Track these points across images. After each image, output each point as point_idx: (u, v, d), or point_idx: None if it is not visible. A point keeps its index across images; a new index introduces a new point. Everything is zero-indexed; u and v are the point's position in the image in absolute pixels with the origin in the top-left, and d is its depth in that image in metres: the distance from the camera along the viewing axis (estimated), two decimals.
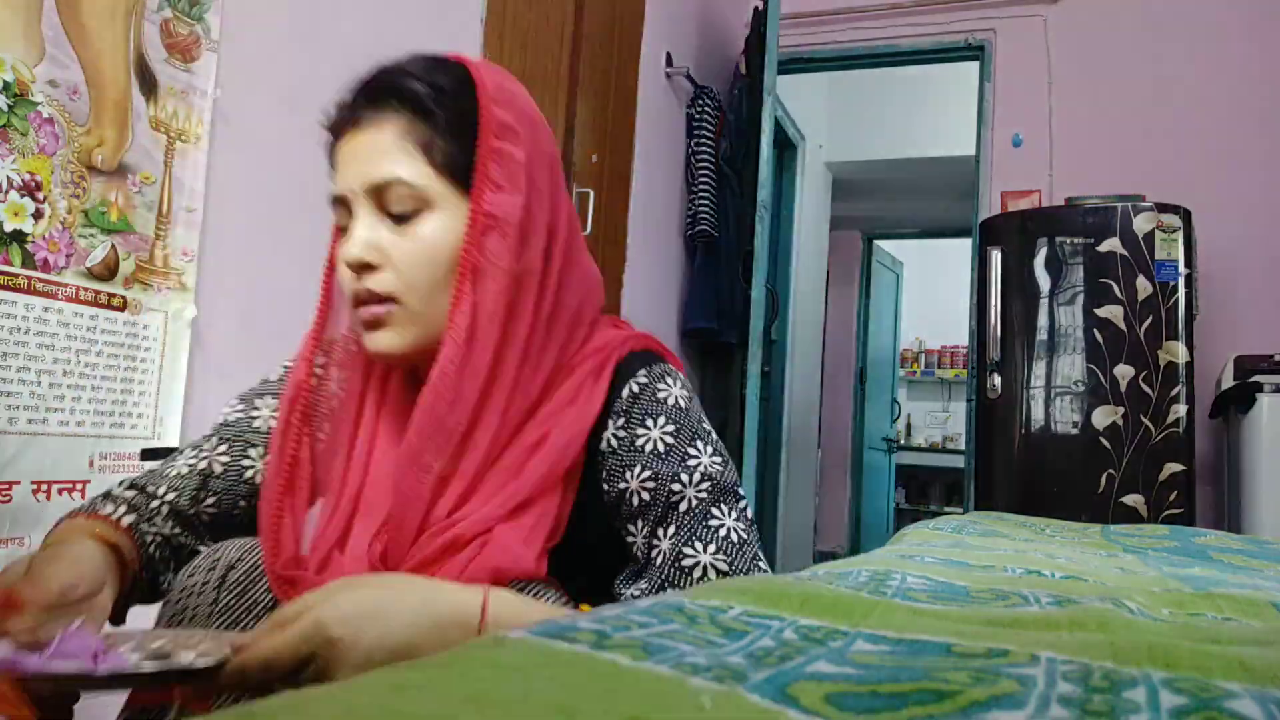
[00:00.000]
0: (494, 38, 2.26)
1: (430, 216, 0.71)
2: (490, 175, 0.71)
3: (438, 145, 0.72)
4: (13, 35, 1.20)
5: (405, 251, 0.71)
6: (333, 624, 0.53)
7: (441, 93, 0.73)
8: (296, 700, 0.22)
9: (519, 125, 0.74)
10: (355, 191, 0.72)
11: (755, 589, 0.45)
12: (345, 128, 0.75)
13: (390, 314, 0.71)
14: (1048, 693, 0.30)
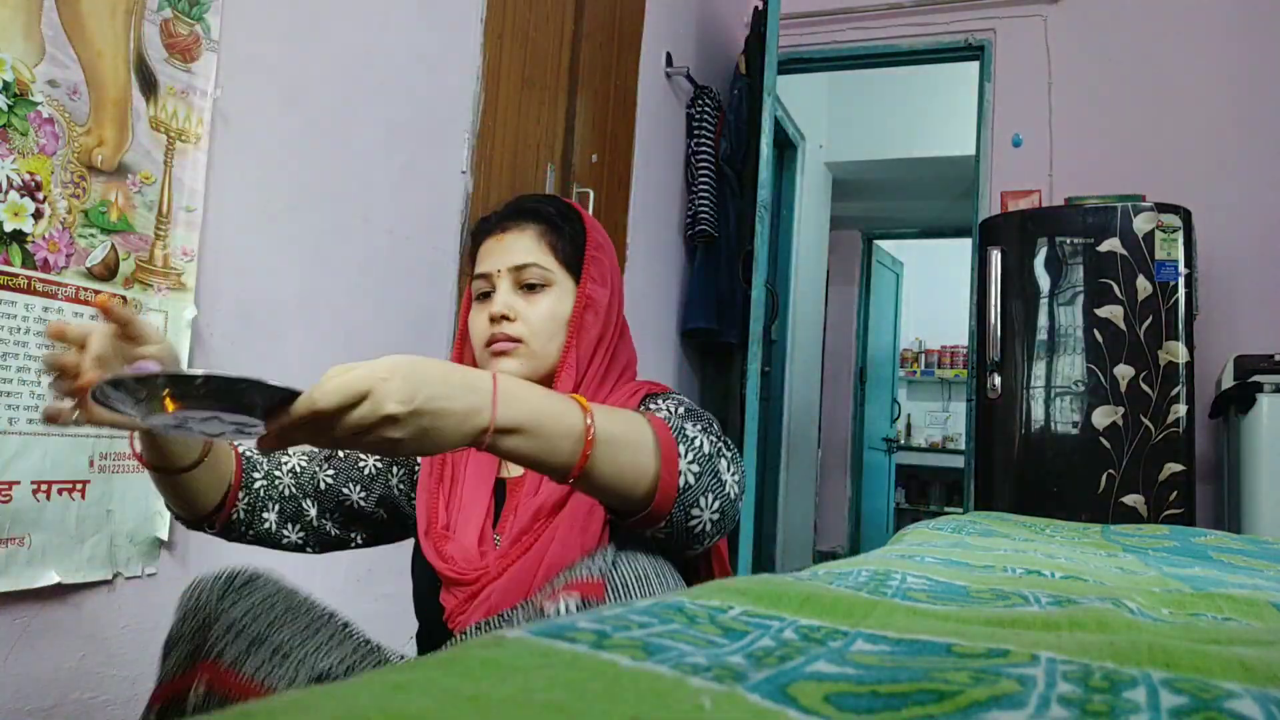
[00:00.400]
0: (494, 38, 2.26)
1: (550, 291, 1.04)
2: (591, 273, 1.05)
3: (561, 247, 1.05)
4: (13, 35, 1.20)
5: (533, 310, 1.03)
6: (383, 370, 0.68)
7: (565, 216, 1.07)
8: (296, 700, 0.22)
9: (605, 245, 1.09)
10: (500, 270, 1.03)
11: (755, 589, 0.45)
12: (492, 231, 1.07)
13: (516, 350, 1.02)
14: (1048, 693, 0.30)
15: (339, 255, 1.80)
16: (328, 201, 1.77)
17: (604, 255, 1.08)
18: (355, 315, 1.83)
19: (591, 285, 1.05)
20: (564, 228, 1.06)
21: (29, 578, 1.24)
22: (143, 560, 1.41)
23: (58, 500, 1.28)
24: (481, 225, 1.09)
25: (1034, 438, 3.00)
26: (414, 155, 2.01)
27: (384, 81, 1.91)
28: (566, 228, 1.06)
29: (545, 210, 1.07)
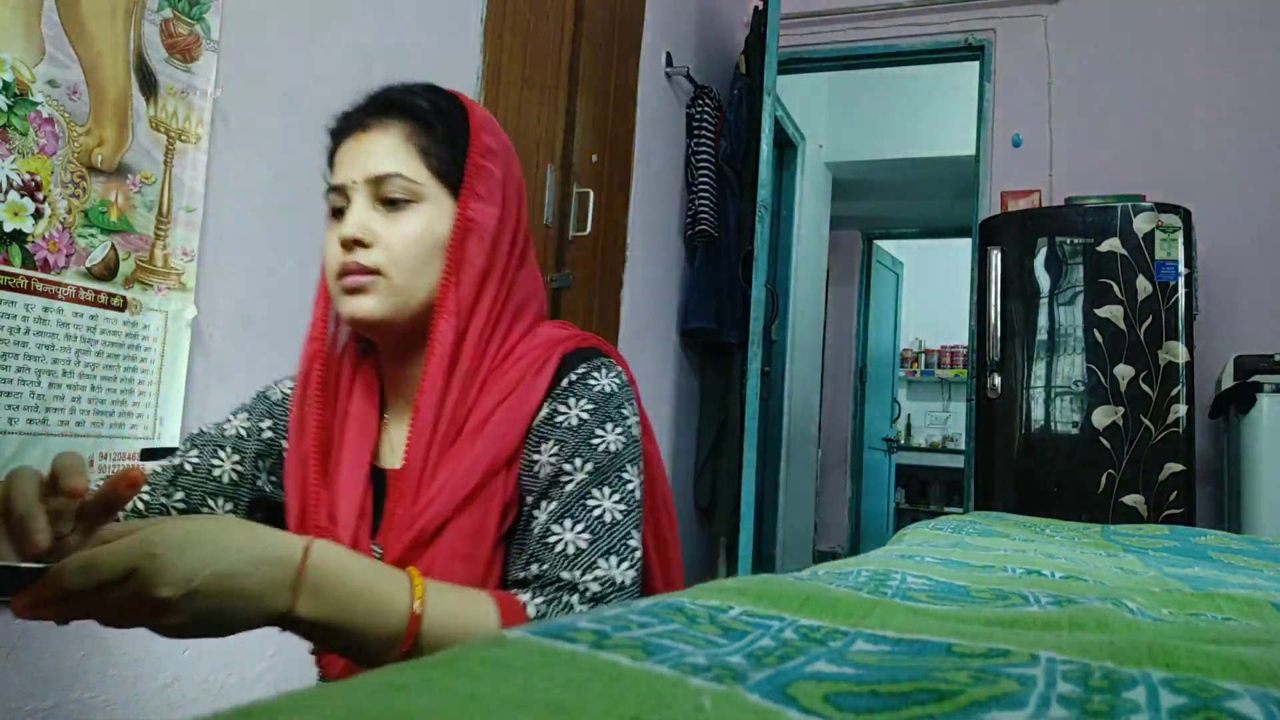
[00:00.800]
0: (494, 38, 2.26)
1: (419, 209, 0.83)
2: (475, 187, 0.85)
3: (434, 151, 0.85)
4: (13, 35, 1.20)
5: (394, 234, 0.82)
6: (158, 541, 0.56)
7: (440, 111, 0.87)
8: (296, 700, 0.22)
9: (499, 150, 0.89)
10: (356, 181, 0.83)
11: (755, 589, 0.45)
12: (351, 130, 0.86)
13: (374, 284, 0.82)
14: (1048, 693, 0.30)
15: None
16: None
17: (493, 164, 0.87)
18: None
19: (476, 204, 0.84)
20: (438, 127, 0.85)
21: None
22: None
23: None
24: (339, 123, 0.89)
25: (1034, 438, 3.00)
26: None
27: (384, 81, 1.91)
28: (441, 127, 0.85)
29: (414, 104, 0.86)
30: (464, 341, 0.83)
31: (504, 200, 0.88)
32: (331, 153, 0.90)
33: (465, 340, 0.83)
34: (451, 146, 0.86)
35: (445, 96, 0.90)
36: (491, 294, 0.86)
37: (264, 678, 1.61)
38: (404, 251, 0.82)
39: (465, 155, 0.86)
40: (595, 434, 0.80)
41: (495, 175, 0.87)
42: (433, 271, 0.83)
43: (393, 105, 0.86)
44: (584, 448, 0.79)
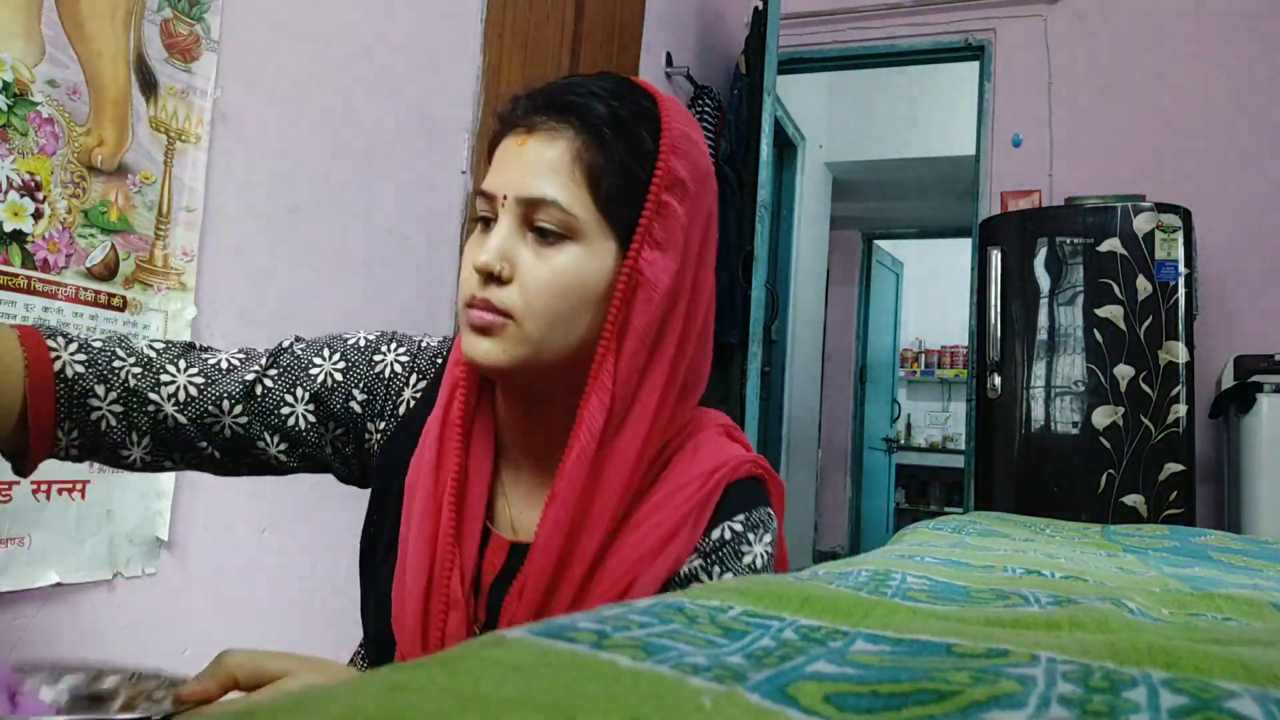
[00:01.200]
0: (494, 38, 2.26)
1: (573, 247, 0.68)
2: (652, 232, 0.68)
3: (606, 180, 0.68)
4: (13, 35, 1.20)
5: (538, 274, 0.67)
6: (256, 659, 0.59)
7: (624, 126, 0.69)
8: (296, 700, 0.22)
9: (691, 180, 0.71)
10: (505, 197, 0.69)
11: (755, 589, 0.45)
12: (514, 127, 0.71)
13: (502, 327, 0.68)
14: (1048, 693, 0.30)
15: (339, 255, 1.80)
16: (328, 201, 1.77)
17: (680, 200, 0.69)
18: (355, 315, 1.83)
19: (651, 253, 0.68)
20: (616, 146, 0.68)
21: (29, 578, 1.24)
22: (142, 560, 1.41)
23: (58, 500, 1.28)
24: (505, 112, 0.74)
25: (1034, 438, 3.00)
26: (414, 155, 2.01)
27: (384, 81, 1.91)
28: (621, 145, 0.68)
29: (592, 110, 0.69)
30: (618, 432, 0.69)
31: (686, 249, 0.70)
32: (492, 144, 0.74)
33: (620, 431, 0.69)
34: (628, 174, 0.69)
35: (635, 100, 0.71)
36: (660, 373, 0.70)
37: None
38: (544, 298, 0.67)
39: (646, 187, 0.69)
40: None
41: (679, 217, 0.69)
42: (577, 326, 0.68)
43: (567, 106, 0.70)
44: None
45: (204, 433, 0.75)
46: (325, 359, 0.80)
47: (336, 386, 0.78)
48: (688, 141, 0.71)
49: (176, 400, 0.74)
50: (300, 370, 0.78)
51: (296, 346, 0.80)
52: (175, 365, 0.75)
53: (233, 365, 0.77)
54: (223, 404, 0.75)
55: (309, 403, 0.78)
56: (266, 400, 0.76)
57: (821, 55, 3.91)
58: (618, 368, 0.68)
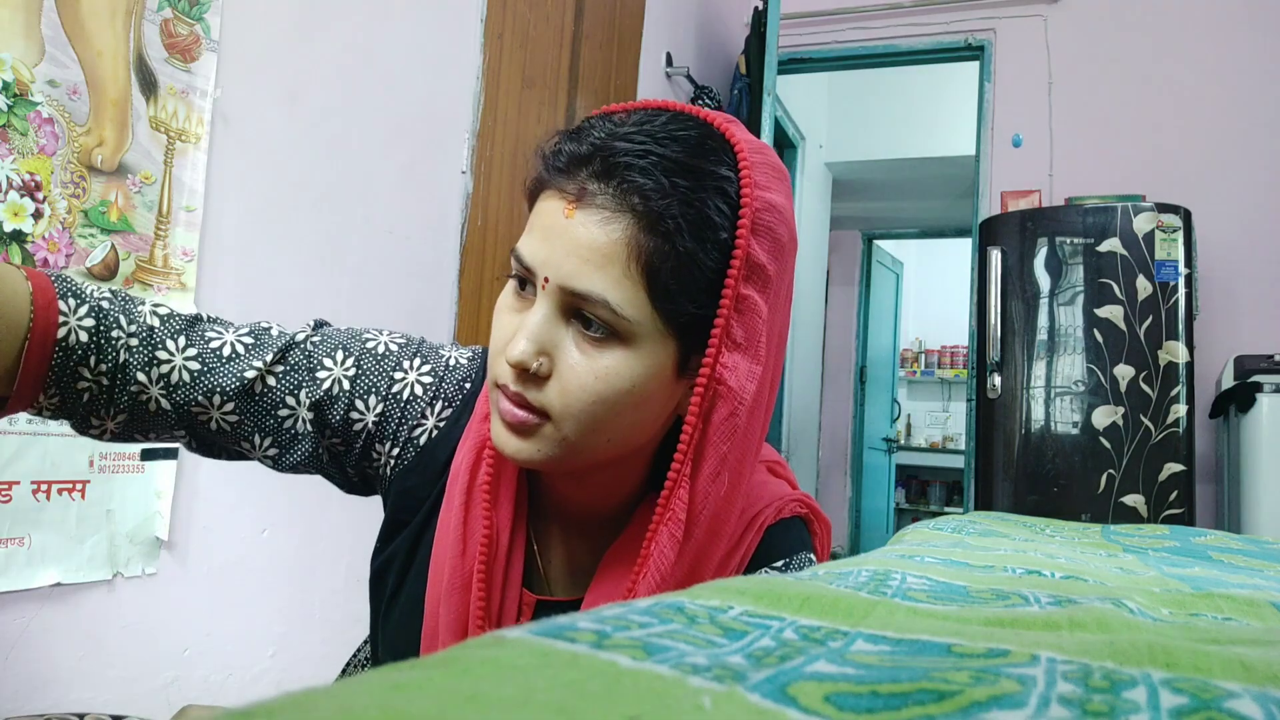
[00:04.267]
0: (494, 38, 2.26)
1: (623, 351, 0.58)
2: (730, 333, 0.58)
3: (666, 280, 0.56)
4: (13, 35, 1.20)
5: (579, 377, 0.58)
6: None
7: (692, 207, 0.56)
8: (296, 700, 0.22)
9: (771, 263, 0.59)
10: (549, 281, 0.58)
11: (755, 589, 0.45)
12: (558, 182, 0.59)
13: (537, 428, 0.59)
14: (1048, 693, 0.30)
15: (339, 255, 1.80)
16: (328, 201, 1.77)
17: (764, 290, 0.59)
18: (355, 315, 1.83)
19: (731, 357, 0.58)
20: (682, 231, 0.56)
21: (29, 578, 1.24)
22: (142, 560, 1.41)
23: (57, 500, 1.28)
24: (549, 157, 0.60)
25: (1034, 438, 3.00)
26: (414, 155, 2.01)
27: (384, 81, 1.91)
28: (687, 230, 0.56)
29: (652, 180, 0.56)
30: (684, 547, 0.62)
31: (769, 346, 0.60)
32: (532, 189, 0.62)
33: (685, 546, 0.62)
34: (695, 265, 0.56)
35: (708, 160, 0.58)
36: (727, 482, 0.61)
37: (264, 678, 1.61)
38: (585, 403, 0.58)
39: (717, 276, 0.57)
40: None
41: (760, 310, 0.58)
42: (621, 428, 0.60)
43: (625, 182, 0.56)
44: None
45: (185, 420, 0.68)
46: (337, 363, 0.71)
47: (340, 395, 0.71)
48: (771, 214, 0.59)
49: (166, 383, 0.67)
50: (307, 372, 0.70)
51: (310, 341, 0.72)
52: (174, 341, 0.67)
53: (236, 353, 0.69)
54: (214, 398, 0.68)
55: (310, 409, 0.70)
56: (264, 400, 0.69)
57: (821, 55, 3.91)
58: (693, 493, 0.59)
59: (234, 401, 0.69)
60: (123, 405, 0.66)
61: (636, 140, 0.57)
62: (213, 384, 0.68)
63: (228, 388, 0.68)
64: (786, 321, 0.65)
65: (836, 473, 5.89)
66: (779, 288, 0.60)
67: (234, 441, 0.71)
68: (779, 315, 0.62)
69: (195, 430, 0.70)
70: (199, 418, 0.69)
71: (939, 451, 7.23)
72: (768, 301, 0.59)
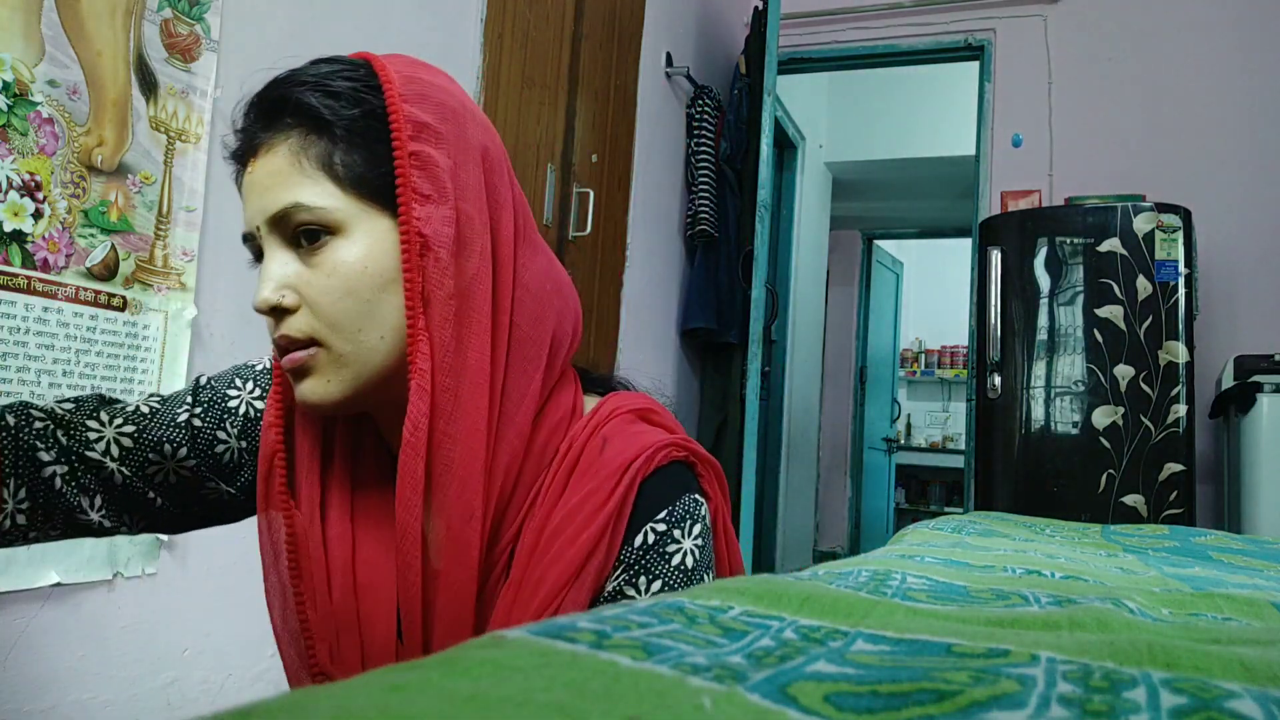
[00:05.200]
0: (494, 38, 2.26)
1: (341, 242, 0.61)
2: (414, 186, 0.61)
3: (339, 158, 0.62)
4: (13, 35, 1.20)
5: (318, 286, 0.61)
6: None
7: (339, 98, 0.62)
8: (295, 700, 0.22)
9: (439, 121, 0.63)
10: (260, 227, 0.63)
11: (755, 589, 0.45)
12: (243, 157, 0.65)
13: (314, 358, 0.62)
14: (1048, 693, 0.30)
15: None
16: None
17: (433, 144, 0.63)
18: None
19: (423, 209, 0.61)
20: (336, 121, 0.62)
21: (29, 578, 1.24)
22: (142, 560, 1.41)
23: None
24: (231, 147, 0.67)
25: (1034, 438, 3.00)
26: None
27: None
28: (341, 120, 0.62)
29: (299, 100, 0.62)
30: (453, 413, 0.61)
31: (461, 192, 0.63)
32: (238, 185, 0.67)
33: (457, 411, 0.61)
34: (365, 143, 0.62)
35: (346, 72, 0.64)
36: (481, 333, 0.63)
37: (264, 678, 1.61)
38: (335, 305, 0.61)
39: (388, 148, 0.62)
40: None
41: (440, 161, 0.62)
42: (385, 318, 0.62)
43: (278, 107, 0.63)
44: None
45: (149, 483, 0.70)
46: (240, 388, 0.75)
47: (258, 417, 0.73)
48: (418, 84, 0.64)
49: (111, 455, 0.68)
50: (221, 404, 0.73)
51: (209, 381, 0.75)
52: (95, 419, 0.69)
53: (154, 409, 0.72)
54: (163, 448, 0.70)
55: (240, 438, 0.73)
56: (200, 439, 0.72)
57: (821, 55, 3.91)
58: (432, 343, 0.61)
59: (185, 446, 0.71)
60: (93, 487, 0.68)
61: (276, 82, 0.65)
62: (156, 437, 0.71)
63: (173, 436, 0.71)
64: (493, 178, 0.66)
65: (836, 473, 5.89)
66: (460, 143, 0.64)
67: (197, 486, 0.73)
68: (468, 166, 0.64)
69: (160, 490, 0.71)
70: (155, 476, 0.71)
71: (939, 451, 7.23)
72: (449, 153, 0.63)
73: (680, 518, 0.66)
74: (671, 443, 0.68)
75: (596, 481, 0.65)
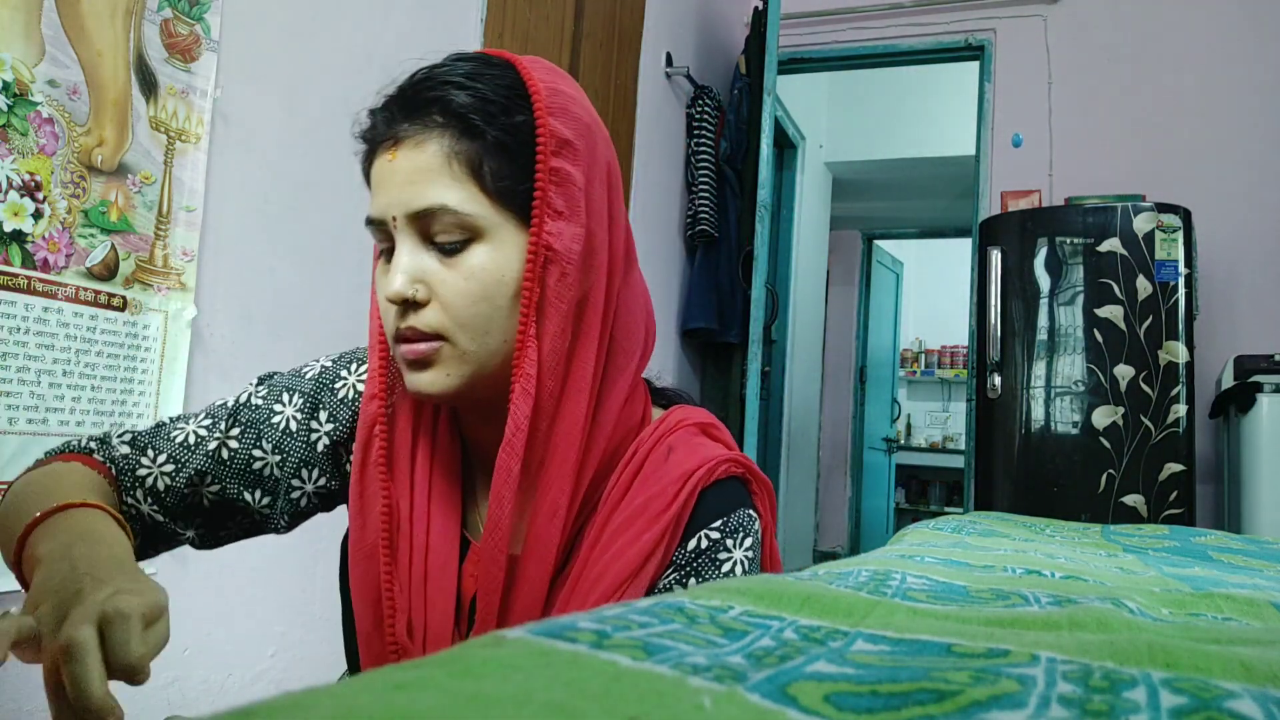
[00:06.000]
0: (494, 38, 2.26)
1: (481, 248, 0.64)
2: (550, 202, 0.64)
3: (488, 166, 0.64)
4: (13, 35, 1.20)
5: (454, 287, 0.64)
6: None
7: (489, 104, 0.64)
8: (296, 700, 0.22)
9: (577, 138, 0.66)
10: (395, 219, 0.65)
11: (755, 589, 0.45)
12: (381, 141, 0.67)
13: (438, 353, 0.65)
14: (1048, 693, 0.30)
15: (339, 255, 1.80)
16: (328, 201, 1.77)
17: (572, 162, 0.65)
18: (355, 315, 1.83)
19: (554, 224, 0.64)
20: (489, 129, 0.64)
21: None
22: (142, 560, 1.41)
23: None
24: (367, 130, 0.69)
25: (1034, 438, 3.00)
26: None
27: (384, 81, 1.91)
28: (494, 128, 0.64)
29: (454, 101, 0.64)
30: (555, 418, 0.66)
31: (591, 210, 0.66)
32: (366, 166, 0.69)
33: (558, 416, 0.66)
34: (509, 152, 0.64)
35: (496, 76, 0.66)
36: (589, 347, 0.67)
37: (264, 678, 1.61)
38: (468, 307, 0.64)
39: (533, 160, 0.64)
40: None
41: (575, 179, 0.65)
42: (510, 324, 0.65)
43: (424, 104, 0.65)
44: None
45: (182, 517, 0.75)
46: (286, 404, 0.77)
47: (299, 430, 0.76)
48: (561, 97, 0.67)
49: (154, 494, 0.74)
50: (263, 423, 0.76)
51: (256, 396, 0.78)
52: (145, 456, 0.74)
53: (200, 437, 0.75)
54: (193, 481, 0.74)
55: (275, 452, 0.76)
56: (235, 462, 0.75)
57: (821, 55, 3.91)
58: (541, 350, 0.64)
59: (210, 474, 0.75)
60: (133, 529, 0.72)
61: (426, 77, 0.67)
62: (190, 473, 0.74)
63: (201, 467, 0.74)
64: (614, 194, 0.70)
65: (836, 473, 5.89)
66: (593, 158, 0.67)
67: (230, 507, 0.76)
68: (597, 183, 0.68)
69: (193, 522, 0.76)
70: (191, 509, 0.75)
71: (939, 451, 7.23)
72: (583, 170, 0.66)
73: (734, 529, 0.69)
74: (731, 459, 0.71)
75: (660, 487, 0.68)
